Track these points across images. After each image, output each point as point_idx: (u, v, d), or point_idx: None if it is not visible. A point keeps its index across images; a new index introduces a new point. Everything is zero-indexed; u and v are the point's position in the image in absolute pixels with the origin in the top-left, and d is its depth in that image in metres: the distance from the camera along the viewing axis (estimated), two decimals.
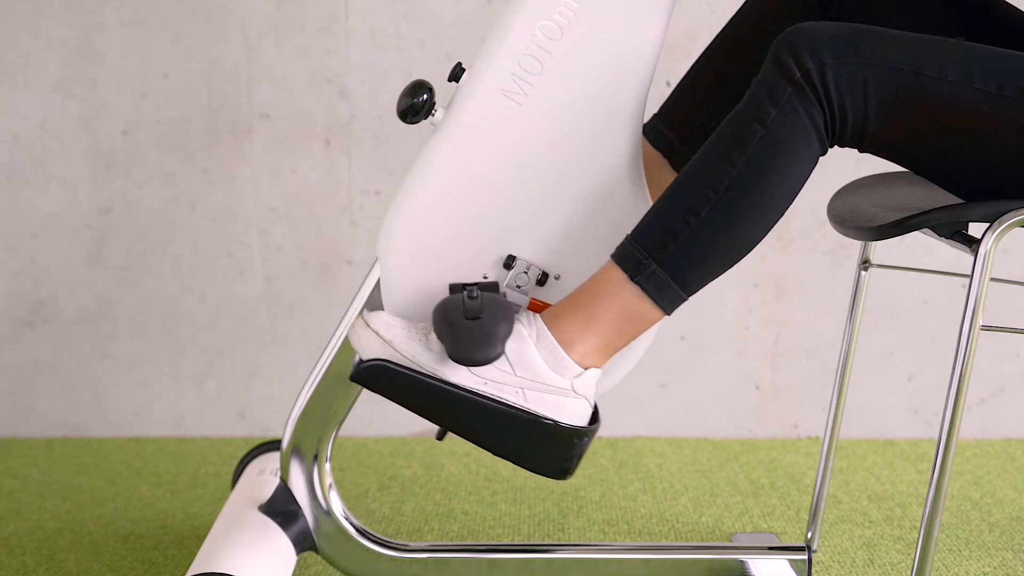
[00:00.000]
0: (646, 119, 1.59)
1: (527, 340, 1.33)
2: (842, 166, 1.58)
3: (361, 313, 1.39)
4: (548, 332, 1.34)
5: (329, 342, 1.55)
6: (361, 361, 1.35)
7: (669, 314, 1.35)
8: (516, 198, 1.43)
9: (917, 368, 2.40)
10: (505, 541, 1.90)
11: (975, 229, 1.40)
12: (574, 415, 1.34)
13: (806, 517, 1.99)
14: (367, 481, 2.17)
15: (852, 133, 1.30)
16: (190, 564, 1.62)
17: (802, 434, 2.42)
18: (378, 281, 1.48)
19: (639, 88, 1.42)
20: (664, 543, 1.89)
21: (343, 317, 1.53)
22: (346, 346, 1.53)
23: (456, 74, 1.44)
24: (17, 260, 2.38)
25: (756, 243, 1.34)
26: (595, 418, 1.37)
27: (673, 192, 1.33)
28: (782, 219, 1.37)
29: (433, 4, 2.32)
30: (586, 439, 1.35)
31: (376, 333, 1.35)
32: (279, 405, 2.41)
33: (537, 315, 1.36)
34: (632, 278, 1.33)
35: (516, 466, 1.35)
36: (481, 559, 1.60)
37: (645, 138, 1.62)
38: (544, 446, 1.34)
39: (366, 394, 2.39)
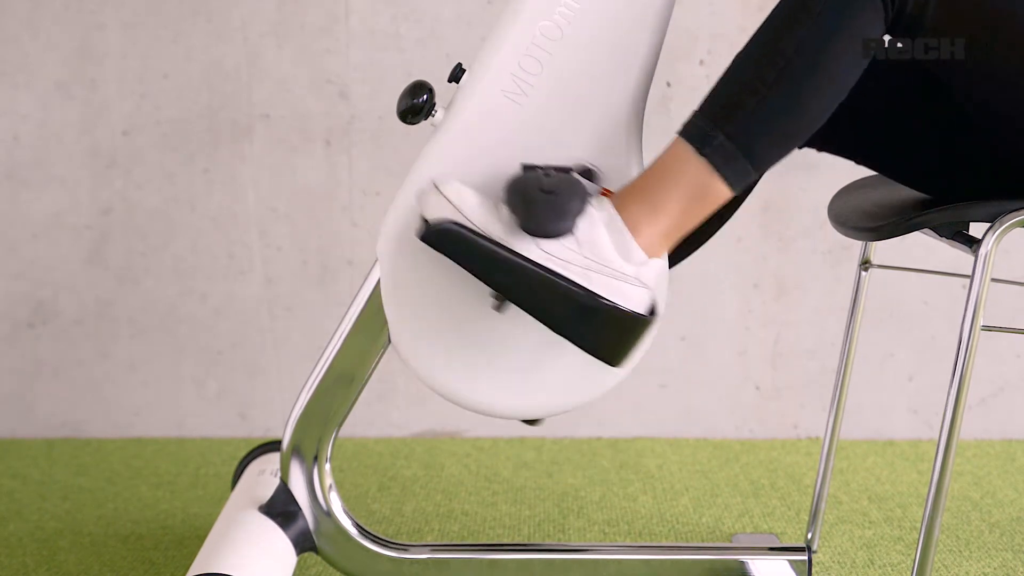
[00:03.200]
0: (652, 126, 1.58)
1: (597, 222, 1.33)
2: (842, 166, 1.58)
3: (433, 180, 1.36)
4: (618, 216, 1.33)
5: (329, 342, 1.55)
6: (427, 223, 1.34)
7: (735, 191, 1.32)
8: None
9: (917, 368, 2.40)
10: (505, 541, 1.90)
11: (976, 229, 1.40)
12: (634, 301, 1.33)
13: (806, 518, 1.99)
14: (367, 481, 2.17)
15: (911, 12, 1.27)
16: (190, 564, 1.62)
17: (802, 434, 2.42)
18: (378, 281, 1.48)
19: (639, 89, 1.42)
20: (664, 543, 1.89)
21: (343, 317, 1.53)
22: (346, 346, 1.53)
23: (456, 74, 1.44)
24: (17, 261, 2.38)
25: (827, 112, 1.30)
26: (654, 310, 1.36)
27: (737, 64, 1.31)
28: (783, 219, 1.37)
29: (433, 4, 2.32)
30: (643, 327, 1.33)
31: (447, 198, 1.34)
32: (279, 405, 2.41)
33: (608, 199, 1.36)
34: (699, 151, 1.30)
35: (575, 344, 1.33)
36: (481, 559, 1.60)
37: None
38: (601, 328, 1.32)
39: (366, 394, 2.40)
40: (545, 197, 1.31)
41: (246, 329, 2.40)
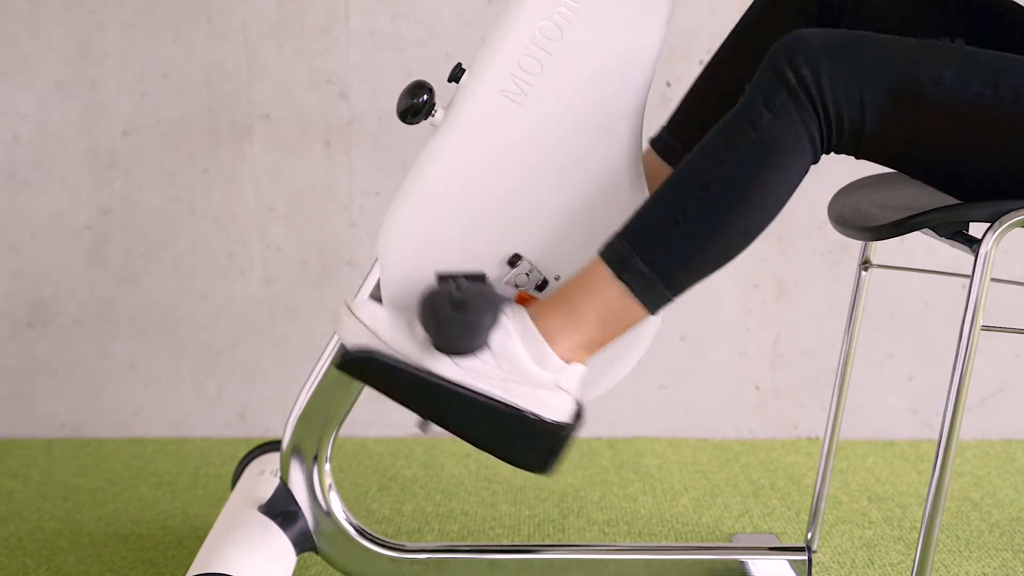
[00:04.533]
0: (653, 128, 1.59)
1: (512, 333, 1.33)
2: (842, 166, 1.58)
3: (346, 301, 1.38)
4: (533, 326, 1.34)
5: (329, 342, 1.55)
6: (345, 349, 1.35)
7: (654, 314, 1.34)
8: (515, 199, 1.43)
9: (917, 369, 2.40)
10: (505, 542, 1.90)
11: (975, 229, 1.40)
12: (557, 410, 1.34)
13: (806, 518, 1.99)
14: (367, 481, 2.17)
15: (848, 139, 1.30)
16: (190, 564, 1.62)
17: (802, 434, 2.42)
18: (378, 281, 1.48)
19: (639, 89, 1.42)
20: (664, 543, 1.89)
21: None
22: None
23: (456, 74, 1.44)
24: (17, 261, 2.38)
25: (744, 247, 1.34)
26: (579, 414, 1.37)
27: (663, 191, 1.33)
28: (782, 219, 1.37)
29: (433, 4, 2.32)
30: (568, 435, 1.34)
31: (361, 322, 1.35)
32: (279, 405, 2.41)
33: (523, 308, 1.36)
34: (618, 275, 1.32)
35: (498, 460, 1.34)
36: (481, 560, 1.60)
37: (654, 149, 1.62)
38: (526, 440, 1.33)
39: (366, 394, 2.39)
40: (456, 315, 1.30)
41: (246, 329, 2.40)
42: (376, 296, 1.49)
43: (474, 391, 1.32)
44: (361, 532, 1.58)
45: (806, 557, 1.65)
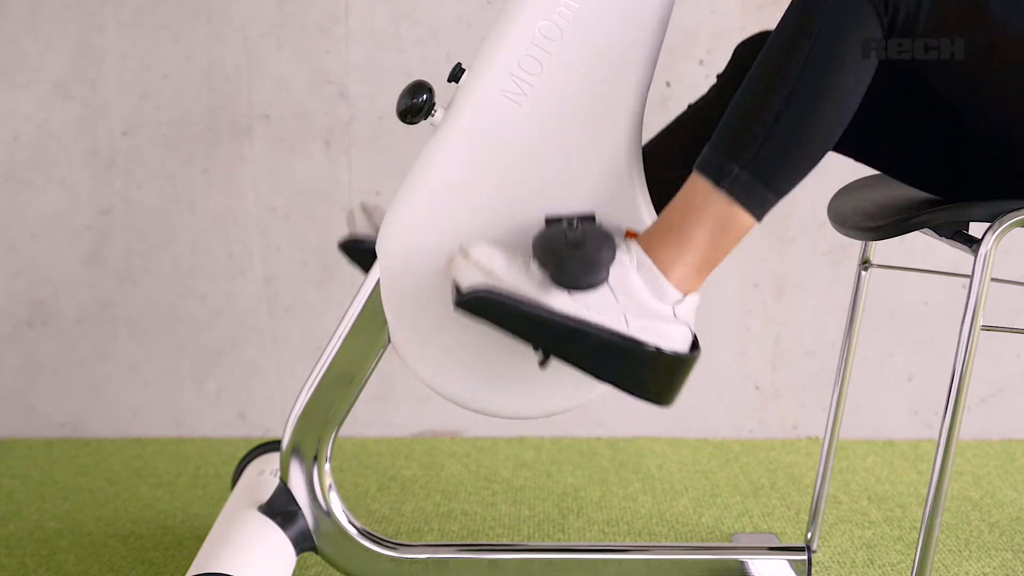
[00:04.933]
0: (653, 128, 1.59)
1: (628, 266, 1.33)
2: (842, 166, 1.58)
3: (461, 245, 1.38)
4: (647, 257, 1.34)
5: (329, 342, 1.55)
6: (460, 290, 1.35)
7: (760, 219, 1.32)
8: (515, 199, 1.43)
9: (917, 368, 2.40)
10: (505, 541, 1.90)
11: (975, 229, 1.40)
12: (675, 341, 1.34)
13: (806, 517, 1.99)
14: (367, 481, 2.17)
15: (902, 26, 1.29)
16: (190, 564, 1.62)
17: (802, 434, 2.42)
18: (378, 281, 1.49)
19: (639, 89, 1.42)
20: (664, 543, 1.89)
21: (343, 317, 1.53)
22: (346, 346, 1.53)
23: (456, 74, 1.44)
24: (17, 260, 2.38)
25: (837, 133, 1.31)
26: (696, 345, 1.37)
27: (746, 88, 1.32)
28: (782, 219, 1.37)
29: (433, 4, 2.32)
30: (688, 366, 1.34)
31: (477, 263, 1.35)
32: (279, 405, 2.41)
33: (635, 241, 1.36)
34: (718, 184, 1.31)
35: (622, 391, 1.34)
36: (481, 559, 1.60)
37: None
38: (647, 371, 1.33)
39: (366, 394, 2.40)
40: (574, 251, 1.31)
41: (246, 329, 2.40)
42: (378, 298, 1.49)
43: (594, 325, 1.32)
44: (361, 532, 1.58)
45: (806, 557, 1.65)
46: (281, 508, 1.57)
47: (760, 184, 1.31)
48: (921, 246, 2.32)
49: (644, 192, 1.44)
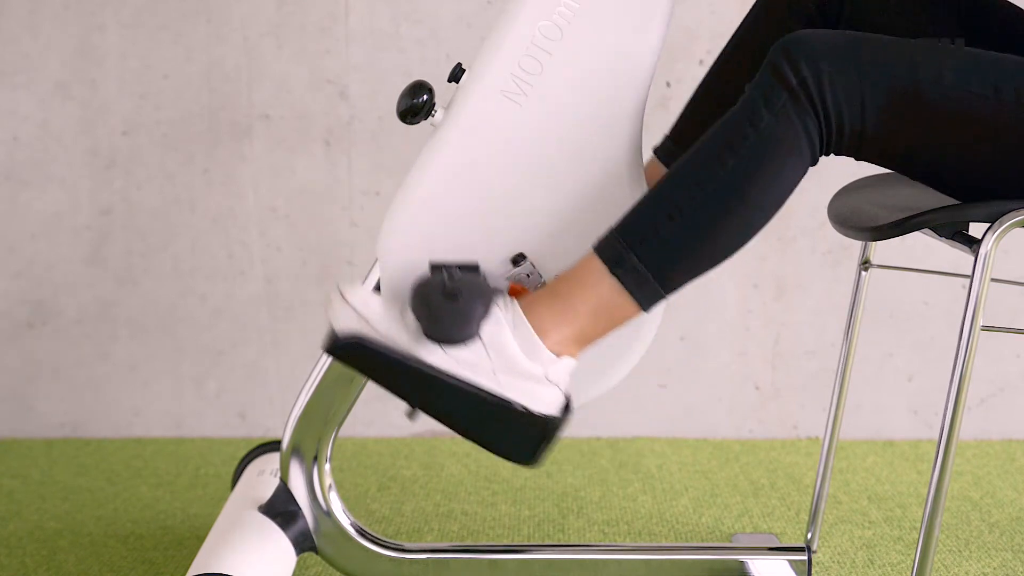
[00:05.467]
0: (653, 128, 1.58)
1: (503, 324, 1.33)
2: (842, 166, 1.58)
3: (338, 285, 1.39)
4: (524, 318, 1.34)
5: None
6: (335, 335, 1.35)
7: (647, 311, 1.34)
8: (515, 199, 1.43)
9: (917, 368, 2.40)
10: (505, 542, 1.90)
11: (975, 229, 1.40)
12: (545, 402, 1.34)
13: (806, 517, 1.99)
14: (367, 481, 2.17)
15: (849, 141, 1.30)
16: (190, 564, 1.62)
17: (802, 434, 2.42)
18: (378, 281, 1.48)
19: (639, 89, 1.42)
20: (664, 543, 1.89)
21: None
22: None
23: (456, 75, 1.44)
24: (17, 261, 2.38)
25: (739, 246, 1.34)
26: (567, 408, 1.37)
27: (660, 188, 1.33)
28: (782, 219, 1.37)
29: (433, 4, 2.32)
30: (556, 427, 1.34)
31: (352, 307, 1.35)
32: (279, 406, 2.41)
33: (515, 300, 1.36)
34: (612, 270, 1.32)
35: (494, 456, 1.34)
36: (481, 560, 1.60)
37: (657, 157, 1.62)
38: (514, 432, 1.33)
39: (366, 394, 2.39)
40: (448, 303, 1.31)
41: (246, 329, 2.40)
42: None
43: (463, 381, 1.32)
44: (361, 532, 1.58)
45: (806, 557, 1.65)
46: (281, 508, 1.57)
47: (653, 280, 1.32)
48: (921, 246, 2.32)
49: (644, 191, 1.44)
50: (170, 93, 2.34)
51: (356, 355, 1.33)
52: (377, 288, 1.48)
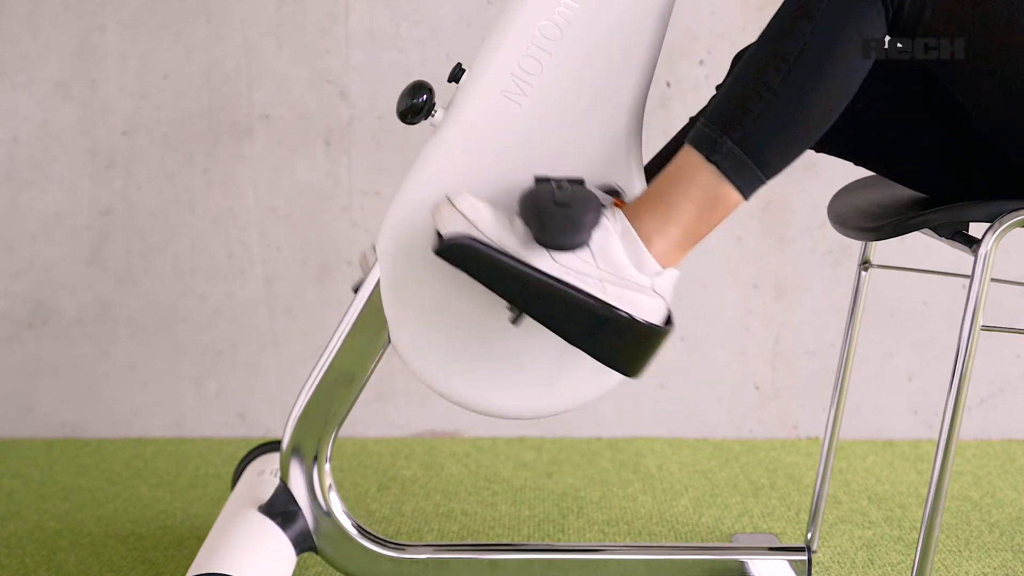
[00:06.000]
0: (653, 128, 1.58)
1: (611, 233, 1.33)
2: (842, 166, 1.58)
3: (447, 194, 1.37)
4: (631, 227, 1.34)
5: (329, 342, 1.55)
6: (442, 237, 1.34)
7: (747, 197, 1.32)
8: (515, 199, 1.43)
9: (917, 368, 2.40)
10: (505, 541, 1.90)
11: (975, 229, 1.40)
12: (650, 312, 1.34)
13: (806, 517, 1.99)
14: (367, 481, 2.17)
15: (909, 12, 1.28)
16: (190, 564, 1.62)
17: (802, 435, 2.42)
18: (378, 281, 1.49)
19: (639, 89, 1.42)
20: (664, 543, 1.89)
21: (343, 317, 1.53)
22: (346, 346, 1.53)
23: (456, 75, 1.44)
24: (17, 261, 2.38)
25: (832, 115, 1.31)
26: (669, 320, 1.37)
27: (743, 68, 1.32)
28: (782, 219, 1.37)
29: (433, 4, 2.32)
30: (659, 339, 1.34)
31: (461, 213, 1.34)
32: (279, 406, 2.41)
33: (620, 210, 1.36)
34: (708, 158, 1.31)
35: (588, 355, 1.34)
36: (481, 559, 1.60)
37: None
38: (618, 339, 1.33)
39: (366, 394, 2.40)
40: (559, 210, 1.31)
41: (246, 329, 2.40)
42: (377, 299, 1.48)
43: (572, 287, 1.32)
44: (361, 532, 1.58)
45: (806, 557, 1.65)
46: (281, 508, 1.57)
47: (750, 162, 1.30)
48: (921, 246, 2.32)
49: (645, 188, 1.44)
50: (170, 93, 2.34)
51: (466, 256, 1.32)
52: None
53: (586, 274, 1.33)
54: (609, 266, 1.33)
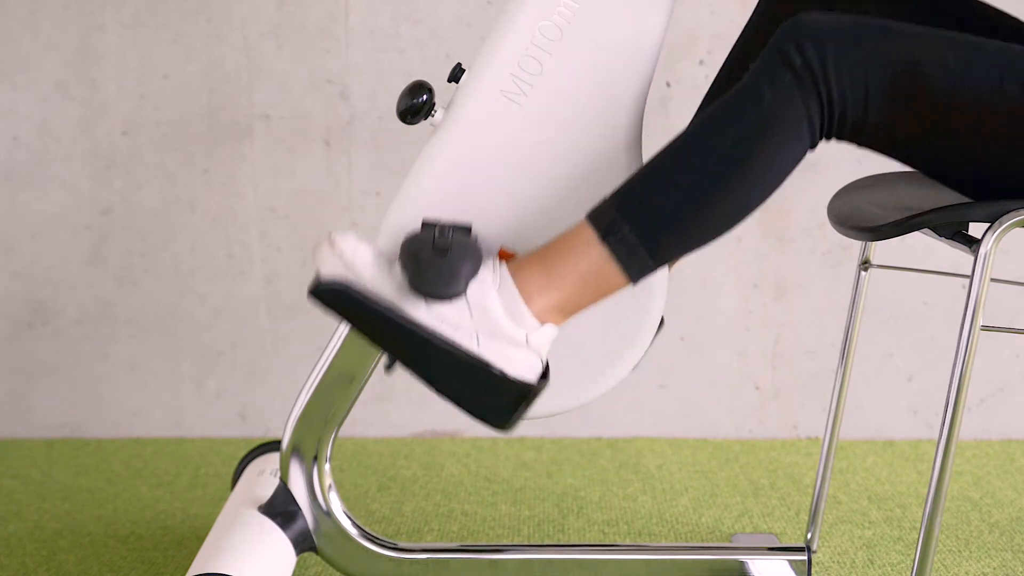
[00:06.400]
0: (653, 128, 1.58)
1: (489, 285, 1.32)
2: (842, 166, 1.58)
3: (331, 232, 1.38)
4: (511, 281, 1.33)
5: (329, 342, 1.55)
6: (320, 279, 1.34)
7: (635, 283, 1.32)
8: (515, 199, 1.43)
9: (917, 368, 2.40)
10: (505, 541, 1.90)
11: (975, 229, 1.40)
12: (523, 368, 1.32)
13: (806, 518, 1.99)
14: (367, 482, 2.17)
15: (852, 126, 1.30)
16: (190, 564, 1.62)
17: (802, 435, 2.42)
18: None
19: (639, 89, 1.42)
20: (664, 543, 1.89)
21: None
22: (346, 346, 1.53)
23: (456, 75, 1.44)
24: (17, 261, 2.38)
25: (733, 224, 1.32)
26: (545, 375, 1.36)
27: (658, 160, 1.32)
28: (782, 219, 1.37)
29: (433, 4, 2.32)
30: (532, 394, 1.33)
31: (340, 254, 1.34)
32: (279, 405, 2.41)
33: (503, 262, 1.35)
34: (603, 238, 1.31)
35: (459, 409, 1.33)
36: (481, 560, 1.60)
37: None
38: (490, 394, 1.32)
39: (366, 394, 2.40)
40: (435, 258, 1.31)
41: (246, 329, 2.40)
42: None
43: (444, 339, 1.31)
44: (361, 532, 1.58)
45: (806, 557, 1.65)
46: (281, 508, 1.57)
47: (643, 250, 1.30)
48: (921, 246, 2.32)
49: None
50: (170, 93, 2.34)
51: (338, 300, 1.32)
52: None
53: (461, 325, 1.31)
54: (484, 318, 1.32)
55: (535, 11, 1.40)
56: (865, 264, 1.70)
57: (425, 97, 1.41)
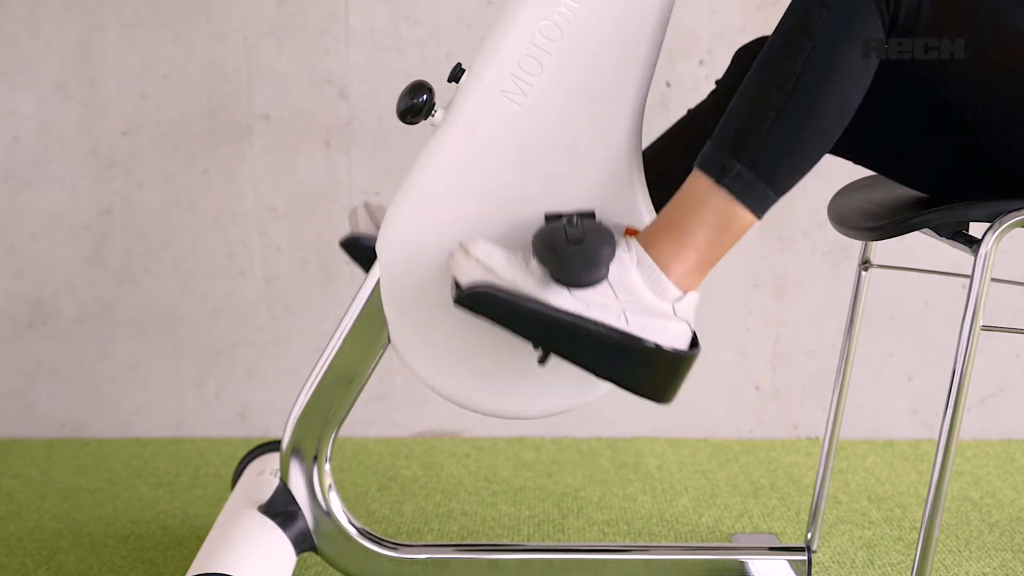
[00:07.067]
0: (653, 129, 1.58)
1: (628, 264, 1.34)
2: (842, 166, 1.58)
3: (461, 241, 1.38)
4: (647, 255, 1.34)
5: (329, 342, 1.55)
6: (460, 287, 1.35)
7: (760, 216, 1.33)
8: (515, 199, 1.43)
9: (917, 368, 2.40)
10: (505, 541, 1.90)
11: (975, 229, 1.40)
12: (675, 338, 1.34)
13: (806, 518, 1.99)
14: (367, 482, 2.17)
15: (906, 14, 1.29)
16: (190, 564, 1.62)
17: (802, 435, 2.42)
18: (378, 281, 1.49)
19: (639, 89, 1.42)
20: (664, 543, 1.89)
21: (343, 317, 1.53)
22: (346, 346, 1.53)
23: (456, 75, 1.44)
24: (17, 260, 2.38)
25: (837, 132, 1.32)
26: (695, 342, 1.37)
27: (746, 88, 1.32)
28: (782, 219, 1.37)
29: (433, 4, 2.32)
30: (687, 364, 1.34)
31: (477, 259, 1.35)
32: (279, 406, 2.41)
33: (634, 238, 1.36)
34: (719, 181, 1.31)
35: (619, 388, 1.34)
36: (481, 560, 1.60)
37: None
38: (646, 369, 1.33)
39: (366, 394, 2.40)
40: (574, 247, 1.32)
41: (246, 329, 2.40)
42: (378, 297, 1.49)
43: (594, 322, 1.32)
44: (361, 532, 1.58)
45: (806, 557, 1.65)
46: (281, 508, 1.57)
47: (760, 181, 1.31)
48: (921, 246, 2.32)
49: (644, 192, 1.44)
50: (170, 93, 2.34)
51: (486, 303, 1.33)
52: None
53: (607, 307, 1.33)
54: (629, 296, 1.33)
55: (535, 11, 1.40)
56: (865, 264, 1.70)
57: (425, 97, 1.41)
